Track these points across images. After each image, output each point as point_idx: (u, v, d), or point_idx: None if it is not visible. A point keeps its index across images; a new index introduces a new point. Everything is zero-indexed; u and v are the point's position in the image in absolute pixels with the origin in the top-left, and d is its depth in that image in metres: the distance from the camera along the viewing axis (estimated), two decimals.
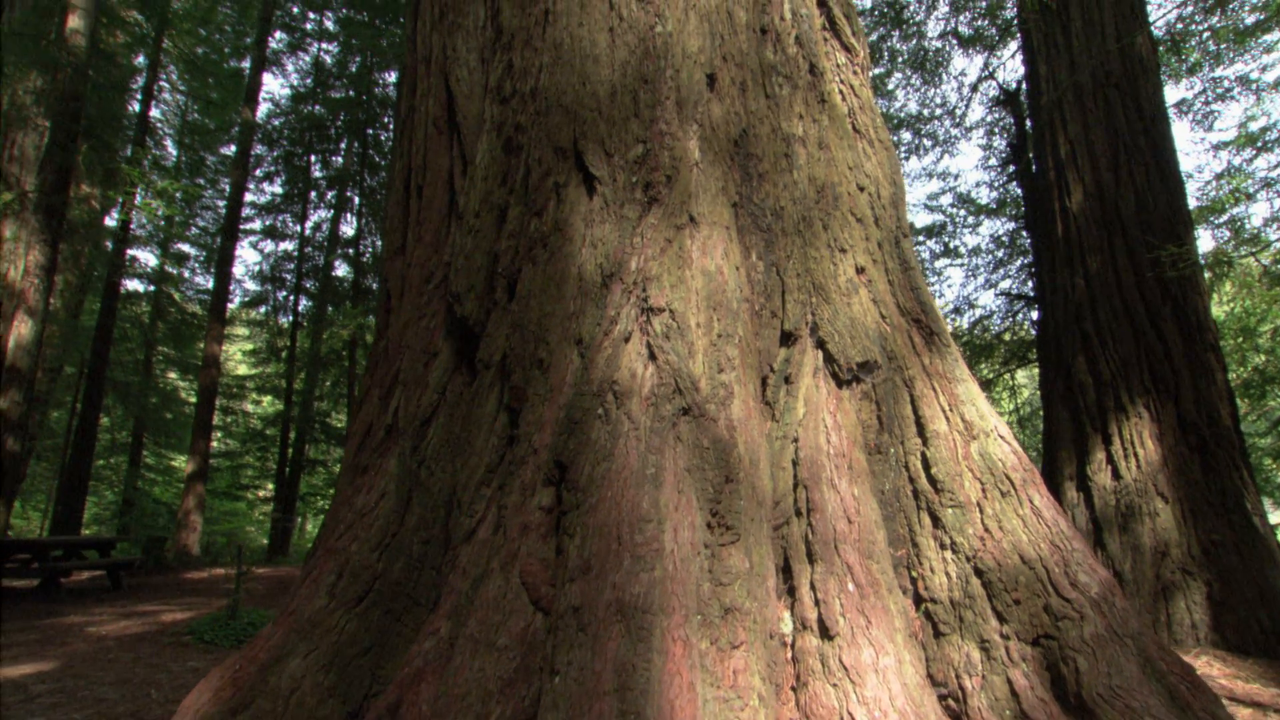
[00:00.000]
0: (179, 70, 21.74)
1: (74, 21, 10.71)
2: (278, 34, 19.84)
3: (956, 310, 10.75)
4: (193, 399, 20.68)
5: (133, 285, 20.31)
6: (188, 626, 6.61)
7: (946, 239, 12.79)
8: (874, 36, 12.88)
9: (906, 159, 11.84)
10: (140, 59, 19.92)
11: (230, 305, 19.15)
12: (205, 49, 21.27)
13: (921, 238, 13.36)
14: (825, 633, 2.78)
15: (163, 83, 21.77)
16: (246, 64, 19.82)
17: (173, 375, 21.92)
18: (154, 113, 21.70)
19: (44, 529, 22.89)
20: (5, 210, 9.76)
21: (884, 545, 3.07)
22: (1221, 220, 8.93)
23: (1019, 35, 8.28)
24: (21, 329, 9.68)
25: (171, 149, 22.49)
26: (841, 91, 4.18)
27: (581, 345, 2.98)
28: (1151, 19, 7.56)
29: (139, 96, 19.45)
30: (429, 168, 4.15)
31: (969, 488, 3.21)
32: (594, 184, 3.32)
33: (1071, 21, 7.16)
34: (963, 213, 11.38)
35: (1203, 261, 8.05)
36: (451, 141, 4.08)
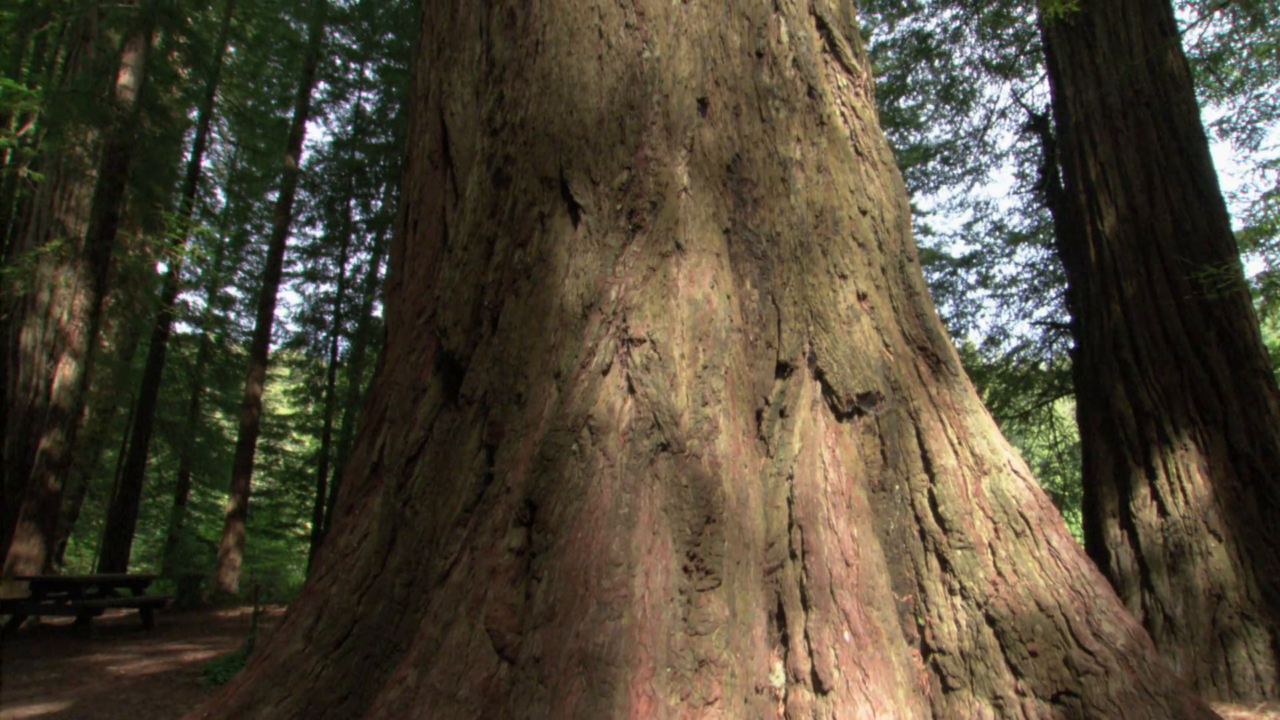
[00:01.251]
0: (229, 122, 22.68)
1: (124, 78, 11.23)
2: (321, 84, 20.57)
3: (992, 340, 10.37)
4: (236, 438, 21.12)
5: (182, 328, 20.95)
6: (205, 667, 6.58)
7: (983, 269, 12.45)
8: (881, 64, 12.76)
9: (936, 189, 11.60)
10: (194, 113, 20.82)
11: (272, 346, 19.62)
12: (254, 101, 22.17)
13: (954, 268, 13.04)
14: (819, 686, 2.57)
15: (214, 134, 22.68)
16: (290, 113, 20.60)
17: (218, 415, 22.45)
18: (205, 162, 22.59)
19: (95, 566, 23.42)
20: (55, 257, 10.17)
21: (886, 590, 2.86)
22: (1273, 241, 8.49)
23: (1044, 58, 8.08)
24: (66, 370, 9.99)
25: (221, 197, 23.34)
26: (843, 114, 4.06)
27: (559, 379, 2.87)
28: (1184, 37, 7.29)
29: (191, 148, 20.28)
30: (424, 202, 4.13)
31: (980, 527, 2.98)
32: (579, 212, 3.24)
33: (1097, 41, 6.95)
34: (999, 241, 11.06)
35: (1254, 285, 7.63)
36: (445, 176, 4.06)
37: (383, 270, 20.62)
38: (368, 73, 21.06)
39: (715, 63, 3.73)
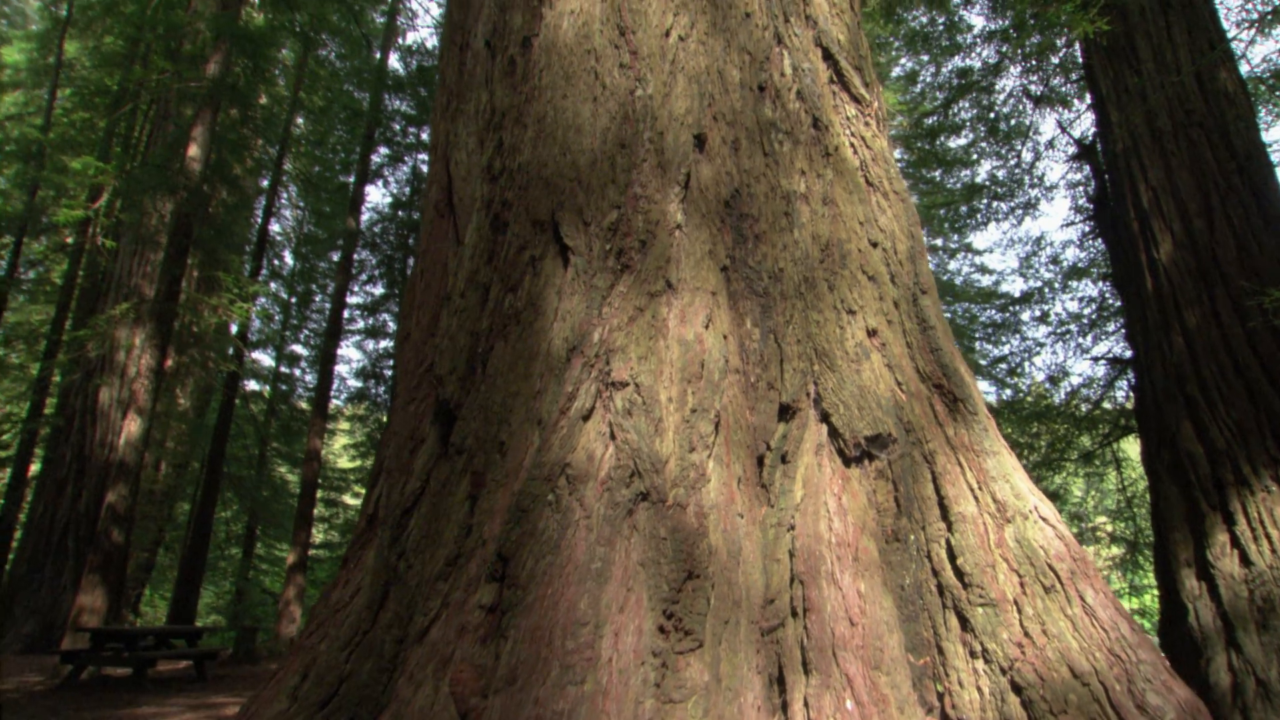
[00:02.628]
0: (297, 188, 23.85)
1: (193, 151, 11.91)
2: (381, 149, 21.50)
3: (1051, 380, 9.81)
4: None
5: (251, 385, 21.80)
6: None
7: (1042, 305, 11.92)
8: (929, 104, 12.53)
9: (985, 224, 11.20)
10: (265, 181, 22.00)
11: (334, 401, 20.21)
12: (319, 167, 23.33)
13: (1013, 305, 12.52)
14: None
15: (282, 200, 23.84)
16: (352, 178, 21.55)
17: (284, 469, 23.10)
18: (274, 226, 23.73)
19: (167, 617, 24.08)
20: (129, 319, 10.74)
21: (898, 652, 2.60)
22: None
23: (1087, 84, 7.76)
24: (131, 427, 10.42)
25: (289, 258, 24.42)
26: (853, 144, 3.91)
27: (541, 425, 2.76)
28: (1237, 53, 6.90)
29: (261, 213, 21.35)
30: (429, 252, 4.14)
31: (1003, 582, 2.70)
32: (568, 254, 3.17)
33: (1141, 63, 6.63)
34: (1055, 276, 10.56)
35: None
36: (449, 224, 4.07)
37: None
38: (424, 136, 21.95)
39: (713, 98, 3.65)
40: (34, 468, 15.99)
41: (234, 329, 18.51)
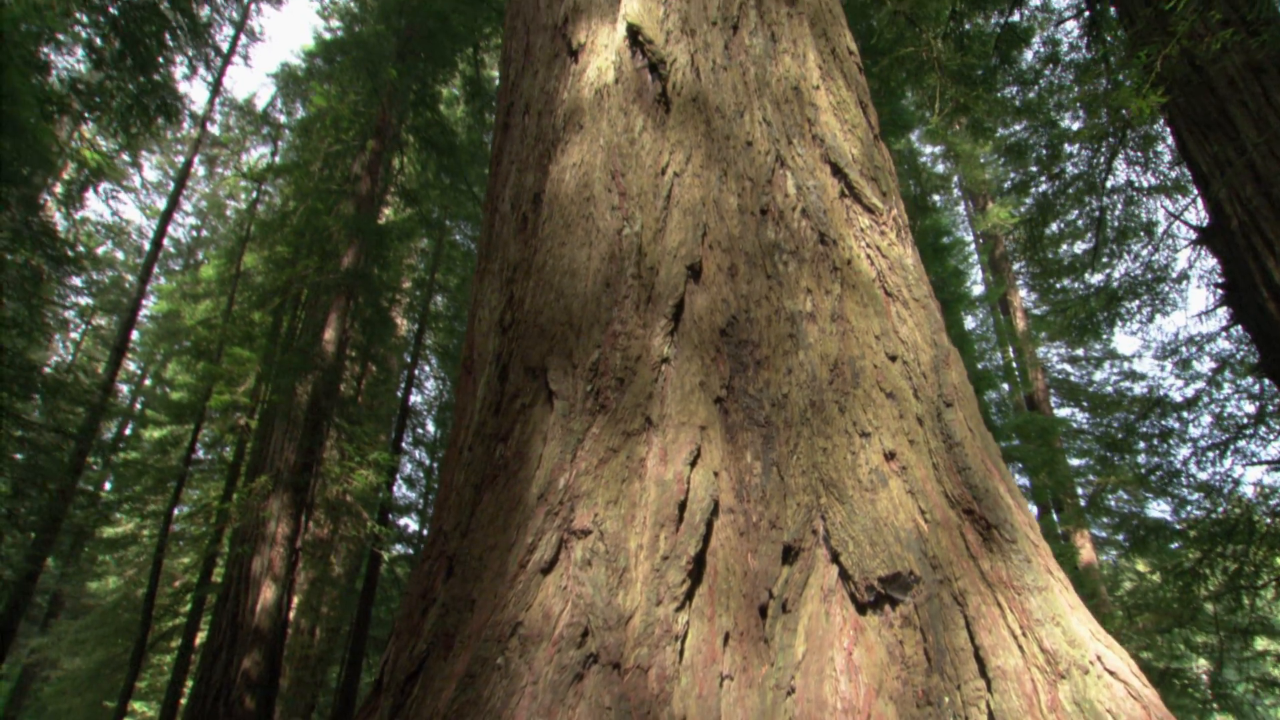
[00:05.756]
0: (437, 359, 25.79)
1: (328, 334, 13.30)
2: None
3: (1211, 491, 8.34)
4: None
5: (398, 549, 22.79)
6: None
7: (1210, 408, 10.46)
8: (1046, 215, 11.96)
9: (1111, 327, 10.16)
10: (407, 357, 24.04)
11: None
12: (456, 341, 25.34)
13: (1175, 411, 11.09)
14: None
15: (425, 371, 25.80)
16: None
17: None
18: (415, 397, 25.58)
19: None
20: (280, 493, 11.69)
21: None
22: None
23: (1186, 166, 7.10)
24: (267, 594, 11.04)
25: (431, 426, 26.04)
26: (869, 255, 3.70)
27: (506, 580, 2.59)
28: None
29: (402, 385, 23.13)
30: (457, 410, 4.21)
31: None
32: (554, 400, 3.10)
33: (1241, 134, 6.01)
34: (1204, 373, 9.31)
35: None
36: (470, 381, 4.15)
37: None
38: None
39: (708, 228, 3.60)
40: (200, 636, 17.20)
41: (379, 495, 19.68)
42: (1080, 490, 17.26)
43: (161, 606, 16.64)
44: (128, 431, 27.60)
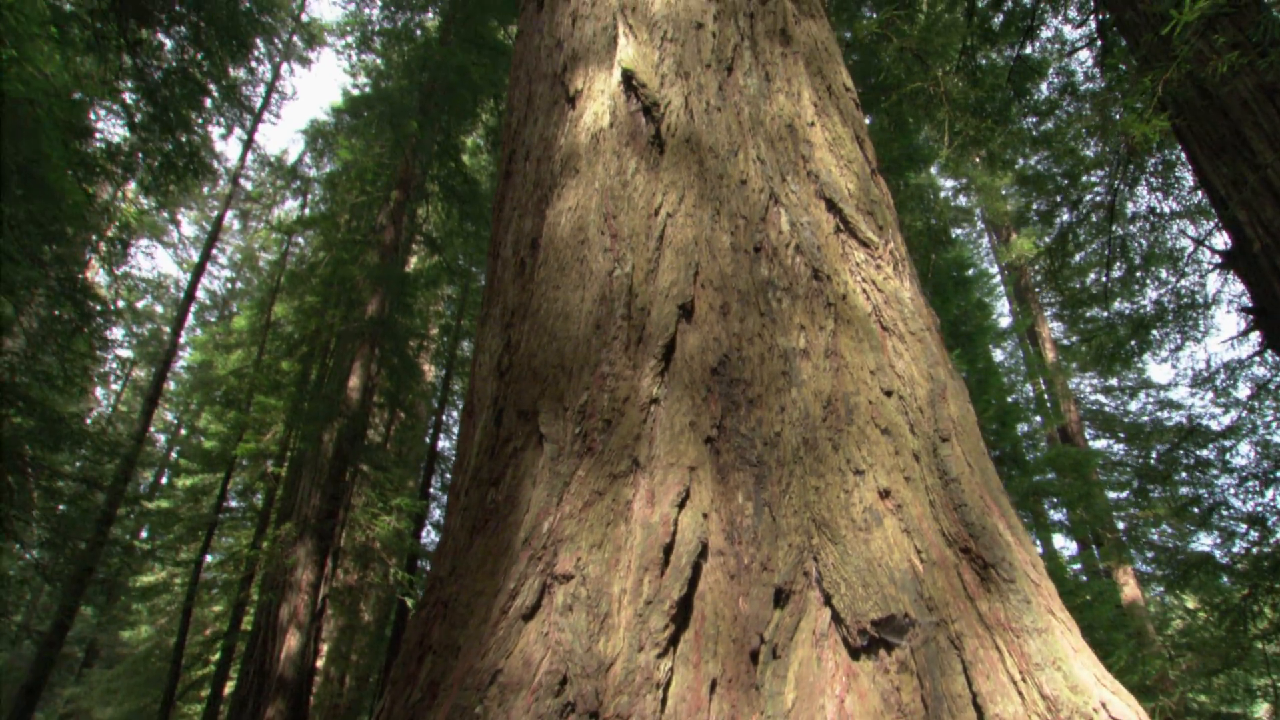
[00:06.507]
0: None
1: (353, 382, 13.48)
2: None
3: (1256, 521, 7.96)
4: None
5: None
6: None
7: (1254, 437, 10.11)
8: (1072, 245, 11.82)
9: (1140, 355, 9.90)
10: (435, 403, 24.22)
11: None
12: None
13: (1216, 441, 10.74)
14: None
15: (452, 418, 25.94)
16: None
17: None
18: (443, 443, 25.70)
19: None
20: (290, 538, 11.78)
21: None
22: None
23: (1203, 190, 6.98)
24: (291, 642, 11.03)
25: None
26: (864, 290, 3.66)
27: (489, 626, 2.55)
28: None
29: (430, 431, 23.28)
30: (459, 456, 4.22)
31: None
32: (544, 443, 3.09)
33: (1257, 155, 5.90)
34: (1240, 400, 9.01)
35: None
36: (469, 427, 4.16)
37: None
38: None
39: (700, 266, 3.60)
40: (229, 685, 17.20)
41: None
42: (1121, 524, 16.67)
43: (192, 655, 16.72)
44: (164, 480, 28.11)
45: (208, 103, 14.25)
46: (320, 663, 18.55)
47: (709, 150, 4.09)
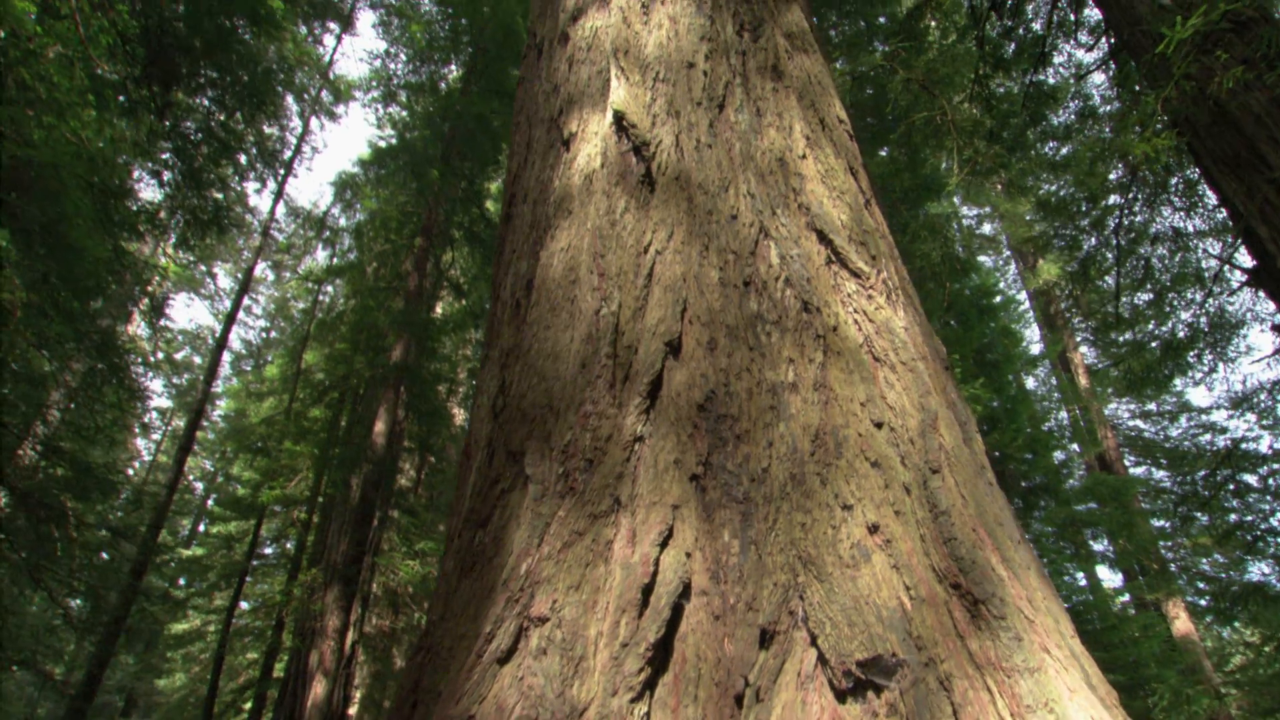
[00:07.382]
0: None
1: (378, 427, 13.63)
2: None
3: None
4: None
5: None
6: None
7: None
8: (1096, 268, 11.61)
9: (1174, 379, 9.59)
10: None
11: None
12: None
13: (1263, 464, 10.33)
14: None
15: None
16: None
17: None
18: None
19: None
20: (317, 583, 11.83)
21: None
22: None
23: (1223, 208, 6.82)
24: (317, 689, 11.01)
25: None
26: (856, 321, 3.61)
27: (463, 671, 2.51)
28: None
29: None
30: (456, 498, 4.21)
31: None
32: (528, 484, 3.07)
33: (1275, 170, 5.76)
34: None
35: None
36: (465, 468, 4.16)
37: None
38: None
39: (688, 303, 3.59)
40: None
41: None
42: (1168, 554, 15.99)
43: (224, 703, 16.76)
44: (201, 527, 28.54)
45: (241, 158, 14.80)
46: (353, 710, 18.46)
47: (699, 187, 4.11)
